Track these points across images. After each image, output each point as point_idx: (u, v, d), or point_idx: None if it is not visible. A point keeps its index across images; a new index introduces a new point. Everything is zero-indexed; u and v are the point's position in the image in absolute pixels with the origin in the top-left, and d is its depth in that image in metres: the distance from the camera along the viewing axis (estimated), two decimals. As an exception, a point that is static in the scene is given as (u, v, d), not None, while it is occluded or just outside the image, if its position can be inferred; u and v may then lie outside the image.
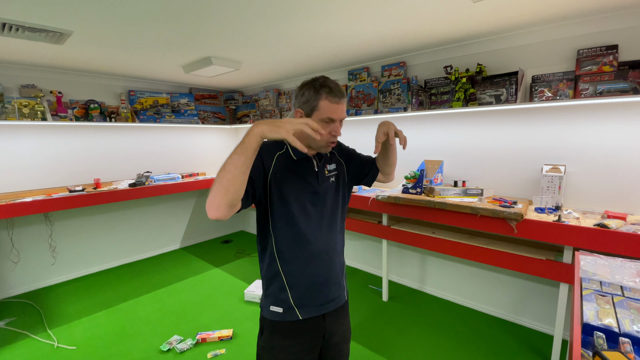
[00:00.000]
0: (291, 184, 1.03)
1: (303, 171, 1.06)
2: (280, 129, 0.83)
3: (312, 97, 0.99)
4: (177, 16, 1.80)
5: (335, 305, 1.10)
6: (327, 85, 0.99)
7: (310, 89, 1.00)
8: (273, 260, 1.05)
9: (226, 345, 2.16)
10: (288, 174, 1.03)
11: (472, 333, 2.27)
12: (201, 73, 3.01)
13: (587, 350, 0.70)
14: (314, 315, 1.06)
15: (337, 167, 1.17)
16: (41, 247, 3.07)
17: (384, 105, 2.82)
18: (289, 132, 0.83)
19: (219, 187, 0.84)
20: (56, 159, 3.09)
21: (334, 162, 1.16)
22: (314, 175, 1.07)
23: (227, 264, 3.56)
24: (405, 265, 3.01)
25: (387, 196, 2.43)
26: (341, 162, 1.20)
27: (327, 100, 0.98)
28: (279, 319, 1.04)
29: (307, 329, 1.05)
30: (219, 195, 0.84)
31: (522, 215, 1.83)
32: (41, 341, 2.23)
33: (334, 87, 1.00)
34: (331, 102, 0.99)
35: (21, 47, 2.26)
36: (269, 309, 1.06)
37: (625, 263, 1.09)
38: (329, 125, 1.01)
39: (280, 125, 0.84)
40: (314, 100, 0.99)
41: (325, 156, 1.13)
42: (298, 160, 1.06)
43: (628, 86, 1.75)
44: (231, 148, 3.82)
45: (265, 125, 0.84)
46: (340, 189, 1.16)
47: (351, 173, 1.22)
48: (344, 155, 1.22)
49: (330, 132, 1.01)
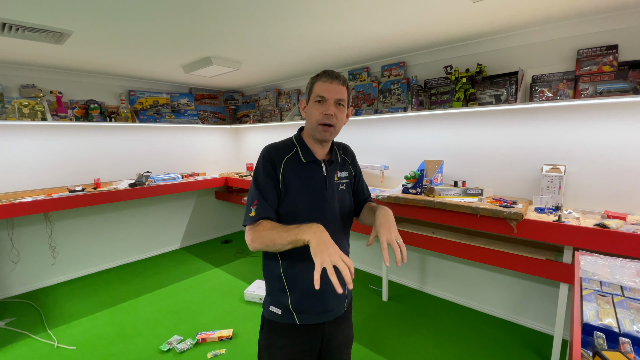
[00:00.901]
0: (298, 188, 1.02)
1: (311, 175, 1.05)
2: (324, 257, 0.81)
3: (310, 84, 1.06)
4: (177, 16, 1.80)
5: (333, 316, 1.09)
6: (324, 71, 1.04)
7: (310, 79, 1.07)
8: (276, 262, 1.05)
9: (226, 345, 2.16)
10: (295, 177, 1.03)
11: (472, 333, 2.27)
12: (201, 73, 3.01)
13: (587, 350, 0.70)
14: (311, 323, 1.05)
15: (349, 175, 1.17)
16: (41, 247, 3.07)
17: (384, 105, 2.82)
18: (326, 262, 0.81)
19: (261, 244, 0.94)
20: (56, 159, 3.09)
21: (346, 170, 1.16)
22: (322, 180, 1.07)
23: (227, 264, 3.56)
24: (405, 265, 3.01)
25: (387, 196, 2.43)
26: (352, 172, 1.20)
27: (320, 81, 1.02)
28: (277, 320, 1.05)
29: (305, 332, 1.05)
30: (260, 246, 0.95)
31: (522, 215, 1.83)
32: (41, 341, 2.23)
33: (329, 71, 1.04)
34: (323, 82, 1.02)
35: (21, 47, 2.27)
36: (269, 308, 1.07)
37: (625, 263, 1.08)
38: (322, 105, 1.01)
39: (329, 254, 0.81)
40: (311, 85, 1.05)
41: (336, 162, 1.13)
42: (307, 164, 1.05)
43: (628, 86, 1.75)
44: (231, 148, 3.78)
45: (321, 244, 0.83)
46: (348, 197, 1.16)
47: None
48: (355, 169, 1.23)
49: (323, 112, 1.01)
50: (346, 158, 1.19)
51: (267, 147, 1.06)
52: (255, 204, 0.99)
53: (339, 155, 1.16)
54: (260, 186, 1.01)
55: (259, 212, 0.98)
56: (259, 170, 1.03)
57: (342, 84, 1.03)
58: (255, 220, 0.97)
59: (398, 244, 0.93)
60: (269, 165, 1.01)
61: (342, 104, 1.04)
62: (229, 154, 4.62)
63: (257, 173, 1.03)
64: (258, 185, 1.01)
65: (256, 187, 1.01)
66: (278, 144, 1.08)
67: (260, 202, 0.99)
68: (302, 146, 1.07)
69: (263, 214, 0.97)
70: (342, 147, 1.21)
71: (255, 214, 0.98)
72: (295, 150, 1.06)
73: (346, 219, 1.15)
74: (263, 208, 0.98)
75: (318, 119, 1.01)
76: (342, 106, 1.04)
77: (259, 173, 1.03)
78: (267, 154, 1.03)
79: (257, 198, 0.99)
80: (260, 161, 1.04)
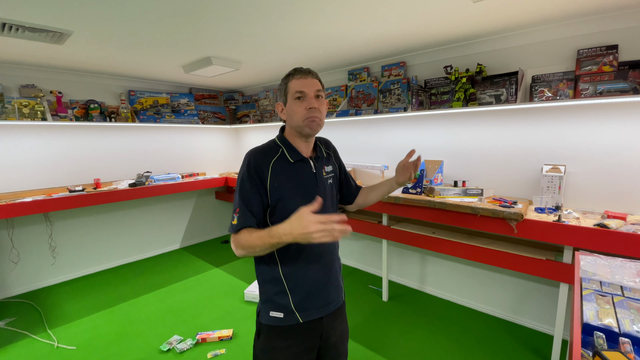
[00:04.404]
0: (290, 189, 1.02)
1: (301, 174, 1.06)
2: (312, 237, 0.82)
3: (283, 85, 1.05)
4: (177, 16, 1.80)
5: (333, 307, 1.11)
6: (295, 69, 1.04)
7: (282, 81, 1.06)
8: (273, 264, 1.04)
9: (226, 345, 2.16)
10: (286, 179, 1.02)
11: (472, 333, 2.27)
12: (201, 73, 3.01)
13: (587, 350, 0.70)
14: (313, 318, 1.06)
15: (334, 169, 1.19)
16: (41, 247, 3.07)
17: (384, 105, 2.82)
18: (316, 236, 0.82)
19: (244, 251, 0.97)
20: (56, 159, 3.09)
21: (330, 164, 1.17)
22: (313, 177, 1.07)
23: (227, 264, 3.56)
24: (405, 265, 3.01)
25: (387, 196, 2.43)
26: (336, 165, 1.22)
27: (294, 79, 1.02)
28: (278, 323, 1.04)
29: (305, 330, 1.05)
30: (244, 253, 0.98)
31: (522, 215, 1.83)
32: (41, 341, 2.23)
33: (299, 68, 1.04)
34: (298, 79, 1.02)
35: (21, 47, 2.26)
36: (269, 314, 1.05)
37: (625, 263, 1.08)
38: (303, 101, 1.01)
39: (309, 233, 0.82)
40: (284, 85, 1.05)
41: (322, 157, 1.14)
42: (295, 163, 1.05)
43: (628, 86, 1.75)
44: (231, 148, 3.79)
45: (300, 235, 0.84)
46: (335, 190, 1.18)
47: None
48: (338, 162, 1.25)
49: (306, 107, 1.01)
50: (329, 152, 1.20)
51: (251, 151, 1.04)
52: (237, 212, 0.99)
53: (323, 150, 1.17)
54: (243, 194, 1.00)
55: (239, 222, 0.98)
56: (243, 177, 1.01)
57: (315, 77, 1.04)
58: (237, 229, 0.98)
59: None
60: (253, 172, 1.00)
61: (320, 95, 1.04)
62: (229, 154, 4.62)
63: (241, 180, 1.02)
64: (241, 192, 1.00)
65: (240, 194, 1.01)
66: (262, 148, 1.07)
67: (242, 210, 0.99)
68: (288, 146, 1.06)
69: (243, 224, 0.98)
70: (323, 141, 1.22)
71: (237, 223, 0.98)
72: (280, 151, 1.05)
73: (336, 212, 1.17)
74: (244, 216, 0.98)
75: (303, 114, 1.01)
76: (321, 97, 1.05)
77: (242, 180, 1.01)
78: (252, 160, 1.01)
79: (239, 206, 0.99)
80: (243, 168, 1.02)
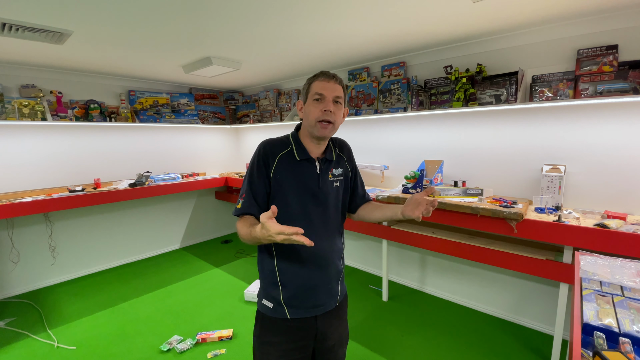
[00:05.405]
0: (291, 185, 1.04)
1: (304, 173, 1.07)
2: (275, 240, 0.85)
3: (306, 85, 1.08)
4: (178, 16, 1.80)
5: (322, 311, 1.10)
6: (321, 71, 1.07)
7: (306, 81, 1.09)
8: (270, 257, 1.09)
9: (226, 345, 2.16)
10: (288, 174, 1.05)
11: (472, 333, 2.26)
12: (201, 73, 3.01)
13: (587, 350, 0.70)
14: (302, 317, 1.06)
15: (344, 172, 1.18)
16: (41, 247, 3.06)
17: (384, 105, 2.82)
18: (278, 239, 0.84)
19: (242, 238, 1.00)
20: (56, 159, 3.09)
21: (341, 168, 1.17)
22: (315, 178, 1.08)
23: (227, 264, 3.56)
24: (405, 265, 3.01)
25: (387, 196, 2.43)
26: (348, 168, 1.21)
27: (318, 81, 1.05)
28: (269, 313, 1.07)
29: (297, 328, 1.06)
30: (242, 239, 1.01)
31: (522, 215, 1.83)
32: (41, 341, 2.23)
33: (325, 72, 1.07)
34: (321, 81, 1.05)
35: (21, 47, 2.26)
36: (262, 301, 1.10)
37: (625, 263, 1.09)
38: (320, 103, 1.03)
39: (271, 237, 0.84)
40: (307, 85, 1.08)
41: (331, 160, 1.14)
42: (300, 162, 1.07)
43: (628, 86, 1.75)
44: (231, 148, 3.80)
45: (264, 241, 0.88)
46: (342, 194, 1.17)
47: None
48: (352, 166, 1.23)
49: (322, 109, 1.02)
50: (342, 154, 1.20)
51: (264, 142, 1.09)
52: (243, 197, 1.05)
53: (335, 152, 1.17)
54: (251, 181, 1.06)
55: (243, 207, 1.04)
56: (253, 164, 1.07)
57: (338, 83, 1.06)
58: (239, 213, 1.05)
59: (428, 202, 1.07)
60: (262, 160, 1.05)
61: (339, 102, 1.06)
62: (229, 154, 4.62)
63: (251, 167, 1.08)
64: (250, 179, 1.06)
65: (248, 180, 1.07)
66: (275, 140, 1.10)
67: (248, 196, 1.05)
68: (298, 144, 1.09)
69: (247, 210, 1.04)
70: (338, 142, 1.21)
71: (241, 207, 1.04)
72: (290, 147, 1.08)
73: (340, 216, 1.17)
74: (248, 203, 1.04)
75: (317, 116, 1.03)
76: (339, 104, 1.06)
77: (252, 167, 1.07)
78: (262, 149, 1.07)
79: (246, 192, 1.06)
80: (255, 156, 1.08)
